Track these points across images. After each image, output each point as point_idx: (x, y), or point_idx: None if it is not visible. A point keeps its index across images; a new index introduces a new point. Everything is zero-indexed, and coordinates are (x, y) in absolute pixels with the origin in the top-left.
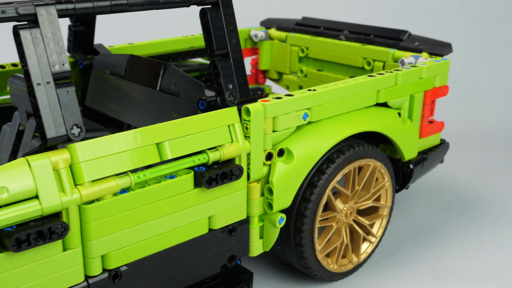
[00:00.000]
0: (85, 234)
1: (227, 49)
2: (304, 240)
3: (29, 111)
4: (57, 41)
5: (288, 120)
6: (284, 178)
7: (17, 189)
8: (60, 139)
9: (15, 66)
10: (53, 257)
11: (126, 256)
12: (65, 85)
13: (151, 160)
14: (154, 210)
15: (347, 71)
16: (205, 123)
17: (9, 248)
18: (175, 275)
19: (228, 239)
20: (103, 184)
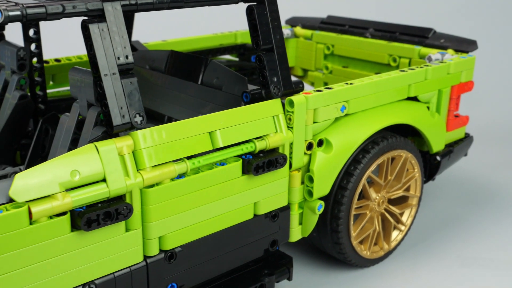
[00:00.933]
0: (145, 216)
1: (272, 44)
2: (340, 226)
3: (90, 101)
4: (122, 35)
5: (328, 112)
6: (323, 167)
7: (87, 172)
8: (125, 126)
9: (57, 62)
10: (117, 237)
11: (180, 238)
12: (129, 76)
13: (204, 148)
14: (206, 195)
15: (372, 67)
16: (252, 114)
17: (81, 227)
18: (222, 258)
19: (271, 225)
20: (163, 169)
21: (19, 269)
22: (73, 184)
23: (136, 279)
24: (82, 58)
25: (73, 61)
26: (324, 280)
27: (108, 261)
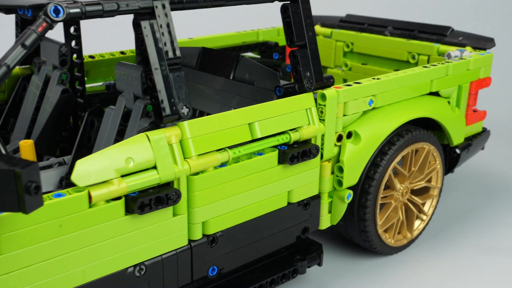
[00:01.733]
0: (190, 202)
1: (305, 40)
2: (367, 215)
3: (137, 94)
4: (170, 31)
5: (357, 105)
6: (353, 157)
7: (140, 160)
8: (173, 117)
9: (91, 58)
10: (165, 221)
11: (222, 223)
12: (176, 70)
13: (244, 138)
14: (245, 183)
15: (391, 64)
16: (287, 107)
17: (135, 211)
18: (259, 243)
19: (303, 213)
20: (207, 158)
21: (79, 249)
22: (127, 170)
23: (181, 261)
24: (114, 55)
25: (106, 58)
26: (351, 266)
27: (157, 244)
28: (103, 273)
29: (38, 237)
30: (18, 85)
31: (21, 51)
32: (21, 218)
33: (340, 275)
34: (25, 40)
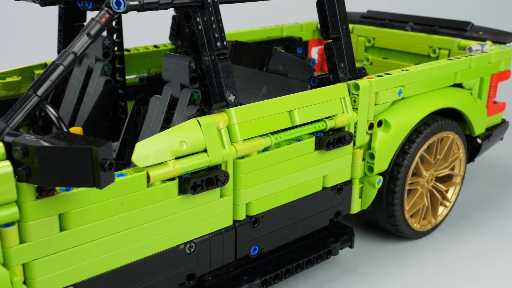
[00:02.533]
0: (236, 184)
1: (339, 33)
2: (396, 200)
3: (184, 83)
4: (218, 23)
5: (387, 95)
6: (383, 145)
7: (192, 143)
8: (221, 104)
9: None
10: (213, 202)
11: (263, 205)
12: (224, 60)
13: (284, 125)
14: (285, 168)
15: (412, 59)
16: (323, 96)
17: (188, 191)
18: (296, 225)
19: (336, 197)
20: (252, 142)
21: (137, 226)
22: (181, 153)
23: (226, 240)
24: (148, 49)
25: (141, 51)
26: (378, 250)
27: (205, 223)
28: (158, 249)
29: (102, 213)
30: None
31: (87, 40)
32: (88, 196)
33: (369, 257)
34: (90, 30)
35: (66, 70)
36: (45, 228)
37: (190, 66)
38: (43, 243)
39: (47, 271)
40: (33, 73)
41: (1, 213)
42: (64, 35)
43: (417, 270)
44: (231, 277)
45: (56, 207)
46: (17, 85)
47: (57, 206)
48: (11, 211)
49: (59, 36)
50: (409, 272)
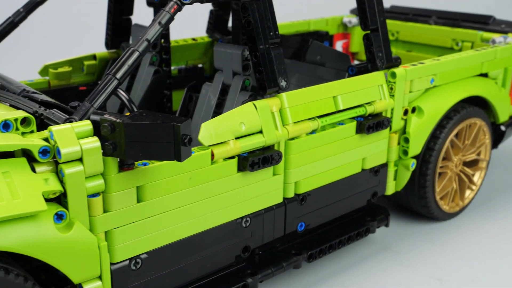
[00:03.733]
0: (286, 164)
1: (377, 24)
2: (427, 182)
3: (236, 71)
4: (272, 14)
5: (421, 83)
6: (417, 130)
7: (250, 124)
8: (274, 89)
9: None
10: (267, 180)
11: (310, 184)
12: (277, 48)
13: (329, 109)
14: (329, 149)
15: (435, 51)
16: (363, 83)
17: (246, 168)
18: (337, 204)
19: (374, 178)
20: (301, 125)
21: (202, 200)
22: (240, 133)
23: (277, 216)
24: (187, 41)
25: (180, 44)
26: (410, 230)
27: (260, 199)
28: (219, 222)
29: (173, 187)
30: (108, 68)
31: (158, 28)
32: (161, 170)
33: (402, 237)
34: (161, 20)
35: (141, 55)
36: (125, 199)
37: (242, 55)
38: (123, 213)
39: (125, 239)
40: (82, 64)
41: (90, 184)
42: (113, 28)
43: (449, 249)
44: (279, 251)
45: (135, 180)
46: (68, 75)
47: (135, 179)
48: (98, 183)
49: (108, 28)
50: (441, 250)
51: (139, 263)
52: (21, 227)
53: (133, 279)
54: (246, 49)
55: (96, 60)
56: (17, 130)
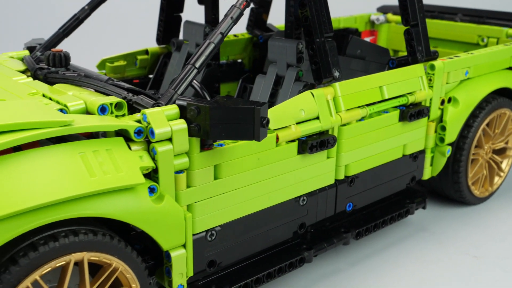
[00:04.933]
0: (338, 148)
1: (417, 20)
2: (461, 168)
3: (290, 63)
4: (326, 10)
5: (456, 75)
6: (453, 118)
7: (308, 111)
8: (329, 79)
9: None
10: (322, 162)
11: (358, 167)
12: (331, 41)
13: (375, 98)
14: (375, 136)
15: (460, 47)
16: (405, 74)
17: (306, 151)
18: (380, 187)
19: (413, 164)
20: (352, 112)
21: (268, 179)
22: (300, 119)
23: (329, 196)
24: (228, 38)
25: (231, 39)
26: (443, 213)
27: (315, 180)
28: (280, 200)
29: (244, 166)
30: (160, 62)
31: (230, 22)
32: (235, 151)
33: (437, 219)
34: (233, 15)
35: (216, 47)
36: (204, 176)
37: (297, 48)
38: (203, 188)
39: (204, 212)
40: (135, 58)
41: (177, 161)
42: (164, 24)
43: (481, 229)
44: (329, 229)
45: (213, 159)
46: (123, 69)
47: (213, 158)
48: (183, 161)
49: (159, 25)
50: (475, 231)
51: (214, 235)
52: (123, 197)
53: (208, 249)
54: (300, 43)
55: (148, 55)
56: (112, 113)
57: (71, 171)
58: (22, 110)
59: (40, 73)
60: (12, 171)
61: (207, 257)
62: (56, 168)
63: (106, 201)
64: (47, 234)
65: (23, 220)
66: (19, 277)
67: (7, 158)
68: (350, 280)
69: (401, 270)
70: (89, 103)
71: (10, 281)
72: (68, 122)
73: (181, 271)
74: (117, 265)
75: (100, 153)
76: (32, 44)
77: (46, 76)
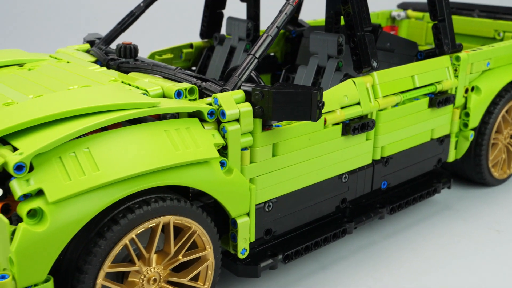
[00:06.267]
0: (376, 131)
1: (444, 16)
2: (482, 151)
3: (331, 55)
4: (365, 7)
5: (479, 65)
6: (476, 106)
7: (351, 97)
8: (368, 68)
9: None
10: (362, 143)
11: (392, 149)
12: (369, 35)
13: (408, 86)
14: (407, 120)
15: (477, 41)
16: (434, 65)
17: (349, 133)
18: (411, 167)
19: (439, 147)
20: (388, 99)
21: (317, 157)
22: (344, 104)
23: (367, 175)
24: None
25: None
26: (465, 193)
27: (355, 160)
28: (326, 176)
29: (297, 145)
30: (204, 55)
31: (285, 17)
32: (290, 131)
33: (460, 198)
34: (287, 11)
35: (273, 39)
36: (264, 153)
37: (338, 41)
38: (263, 164)
39: (263, 185)
40: (181, 52)
41: (243, 140)
42: (208, 20)
43: (502, 207)
44: (366, 205)
45: (272, 138)
46: (170, 61)
47: (272, 137)
48: (248, 139)
49: (203, 20)
50: (496, 209)
51: (271, 206)
52: (201, 169)
53: (265, 219)
54: (340, 37)
55: (192, 49)
56: (186, 97)
57: (160, 145)
58: (113, 94)
59: (113, 63)
60: (114, 145)
61: (264, 226)
62: (148, 143)
63: (188, 172)
64: (141, 200)
65: (124, 186)
66: (119, 235)
67: (109, 133)
68: (384, 251)
69: (430, 244)
70: (166, 88)
71: (112, 238)
72: (156, 103)
73: (245, 237)
74: (195, 228)
75: (181, 131)
76: (90, 38)
77: (119, 66)
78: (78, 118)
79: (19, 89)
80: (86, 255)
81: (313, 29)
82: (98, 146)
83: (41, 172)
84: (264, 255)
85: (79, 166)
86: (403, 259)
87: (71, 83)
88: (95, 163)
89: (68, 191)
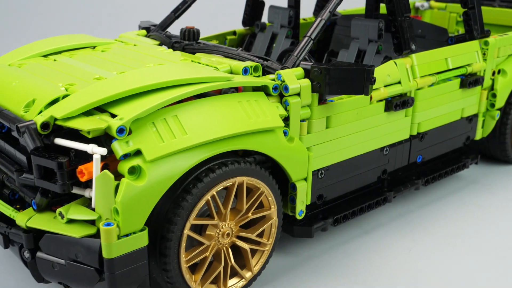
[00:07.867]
0: (414, 108)
1: (474, 4)
2: (507, 130)
3: (371, 39)
4: None
5: (506, 50)
6: (502, 87)
7: (393, 77)
8: (407, 51)
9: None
10: (401, 119)
11: (427, 125)
12: (409, 20)
13: (442, 68)
14: (441, 100)
15: (498, 30)
16: (464, 49)
17: (391, 109)
18: (443, 143)
19: (468, 125)
20: (425, 79)
21: (363, 130)
22: (387, 83)
23: (404, 149)
24: (306, 20)
25: (308, 21)
26: (490, 170)
27: (395, 134)
28: (371, 148)
29: (347, 119)
30: (246, 41)
31: (336, 2)
32: (342, 106)
33: (486, 175)
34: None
35: (326, 23)
36: (320, 125)
37: (378, 26)
38: (318, 135)
39: (318, 154)
40: (225, 38)
41: (302, 112)
42: (250, 9)
43: None
44: (402, 177)
45: (326, 112)
46: None
47: (326, 111)
48: (306, 112)
49: (246, 9)
50: None
51: (323, 174)
52: (268, 136)
53: (318, 185)
54: (380, 22)
55: (235, 35)
56: (251, 74)
57: (235, 114)
58: (190, 70)
59: (178, 46)
60: (197, 113)
61: (317, 191)
62: (226, 112)
63: (258, 139)
64: (220, 162)
65: (207, 149)
66: (203, 192)
67: (193, 103)
68: (421, 219)
69: (461, 213)
70: (233, 66)
71: (197, 194)
72: (230, 78)
73: (302, 199)
74: (263, 189)
75: (251, 102)
76: (145, 25)
77: (184, 48)
78: (165, 90)
79: (101, 67)
80: (175, 208)
81: (344, 18)
82: (184, 114)
83: (138, 135)
84: (316, 219)
85: (170, 131)
86: (438, 226)
87: (146, 62)
88: (183, 128)
89: (162, 151)
